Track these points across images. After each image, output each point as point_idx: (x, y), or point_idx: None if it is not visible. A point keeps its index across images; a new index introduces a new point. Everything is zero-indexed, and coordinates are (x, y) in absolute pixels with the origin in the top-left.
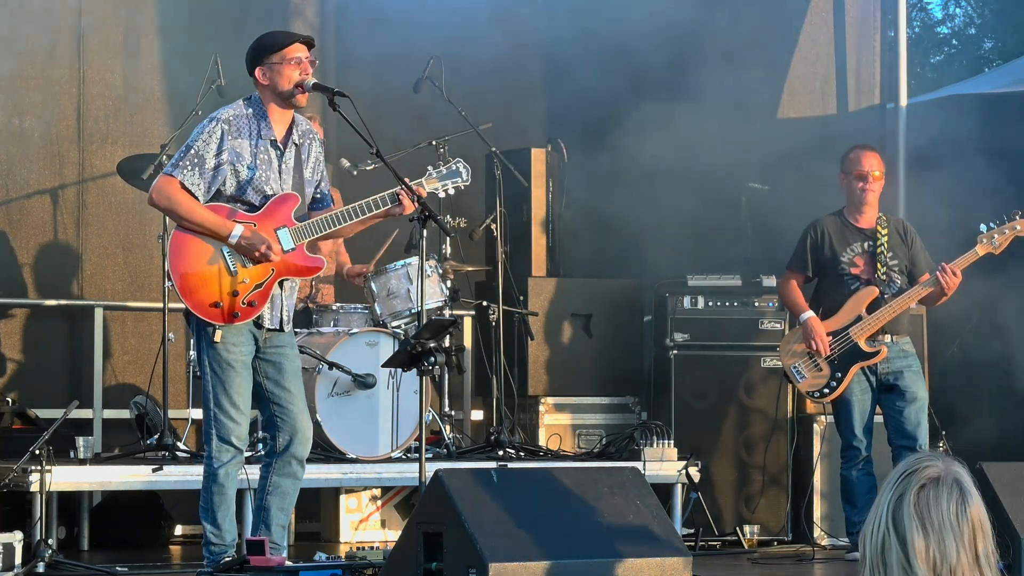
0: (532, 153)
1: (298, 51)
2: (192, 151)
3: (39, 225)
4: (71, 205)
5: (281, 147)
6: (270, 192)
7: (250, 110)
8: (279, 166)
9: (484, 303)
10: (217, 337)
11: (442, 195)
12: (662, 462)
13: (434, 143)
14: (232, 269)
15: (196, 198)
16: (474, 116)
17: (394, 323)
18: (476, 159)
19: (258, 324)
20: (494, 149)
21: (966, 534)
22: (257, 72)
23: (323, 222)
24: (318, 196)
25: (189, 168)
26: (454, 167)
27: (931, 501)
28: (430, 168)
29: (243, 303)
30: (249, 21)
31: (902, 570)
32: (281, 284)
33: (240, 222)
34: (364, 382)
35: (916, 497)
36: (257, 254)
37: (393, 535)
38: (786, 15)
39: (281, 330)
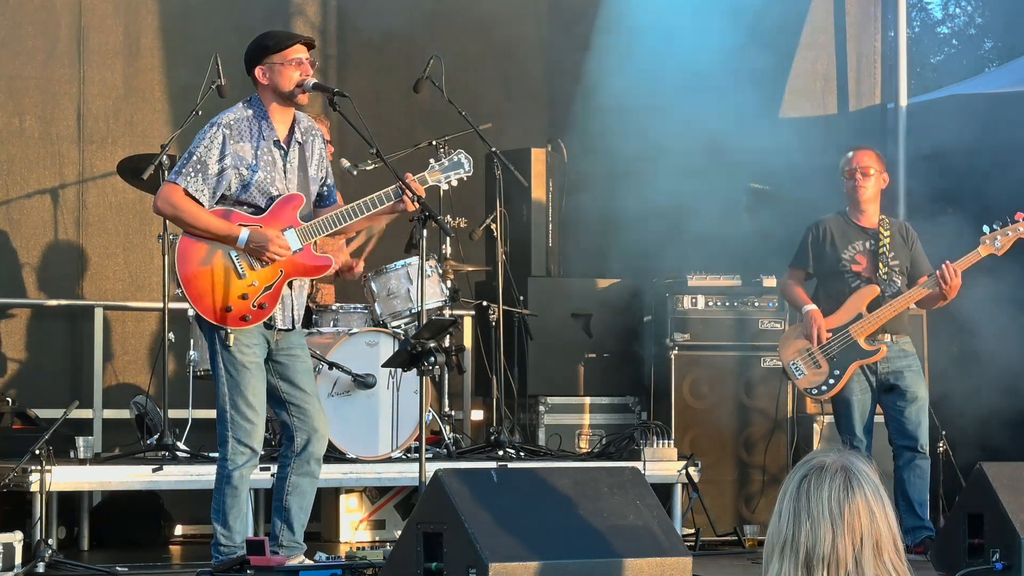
0: (532, 153)
1: (299, 52)
2: (195, 157)
3: (39, 225)
4: (71, 205)
5: (284, 147)
6: (275, 193)
7: (250, 111)
8: (283, 166)
9: (484, 303)
10: (230, 341)
11: (445, 187)
12: (662, 462)
13: (434, 143)
14: (241, 272)
15: (201, 204)
16: (474, 116)
17: (394, 323)
18: (476, 159)
19: (269, 325)
20: (494, 149)
21: (847, 523)
22: (257, 71)
23: (329, 221)
24: (324, 192)
25: (192, 175)
26: (456, 158)
27: (812, 490)
28: (432, 161)
29: (253, 306)
30: (249, 21)
31: (782, 557)
32: (290, 284)
33: (246, 225)
34: (364, 382)
35: (797, 488)
36: (267, 253)
37: (393, 535)
38: (786, 15)
39: (292, 329)
